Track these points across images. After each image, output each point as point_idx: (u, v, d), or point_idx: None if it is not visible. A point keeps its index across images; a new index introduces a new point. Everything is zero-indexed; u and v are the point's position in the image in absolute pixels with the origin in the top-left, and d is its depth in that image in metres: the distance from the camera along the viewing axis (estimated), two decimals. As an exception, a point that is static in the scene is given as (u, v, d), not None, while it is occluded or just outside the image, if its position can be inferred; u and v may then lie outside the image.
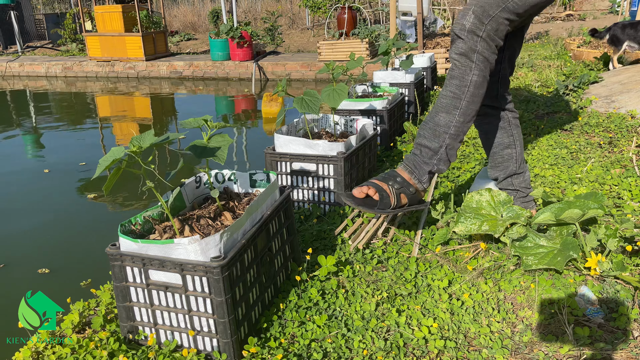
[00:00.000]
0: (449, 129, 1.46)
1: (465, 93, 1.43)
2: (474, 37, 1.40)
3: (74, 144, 5.21)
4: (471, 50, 1.40)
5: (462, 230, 1.53)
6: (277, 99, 5.63)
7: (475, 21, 1.39)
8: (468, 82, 1.42)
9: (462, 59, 1.42)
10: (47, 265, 2.65)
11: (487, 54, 1.41)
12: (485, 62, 1.41)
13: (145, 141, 1.11)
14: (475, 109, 1.46)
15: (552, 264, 1.39)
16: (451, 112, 1.45)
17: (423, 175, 1.51)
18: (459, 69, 1.43)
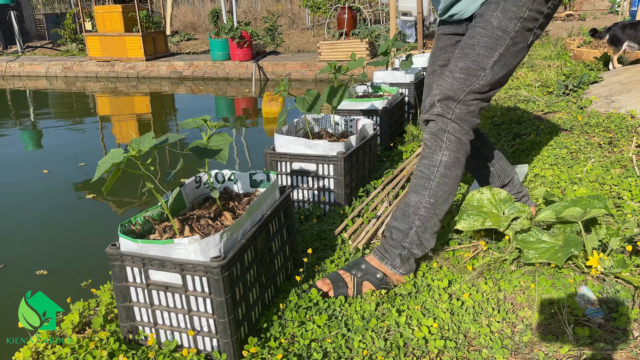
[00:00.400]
0: (418, 210, 1.41)
1: (435, 173, 1.38)
2: (443, 120, 1.38)
3: (73, 144, 5.21)
4: (441, 130, 1.38)
5: (465, 227, 1.53)
6: (278, 99, 5.63)
7: (442, 106, 1.38)
8: (437, 162, 1.38)
9: (432, 139, 1.39)
10: (47, 265, 2.65)
11: (459, 134, 1.38)
12: (458, 143, 1.38)
13: (145, 144, 1.11)
14: (449, 190, 1.40)
15: (552, 259, 1.40)
16: (420, 192, 1.41)
17: (394, 260, 1.44)
18: (429, 149, 1.40)
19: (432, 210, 1.40)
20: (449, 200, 1.42)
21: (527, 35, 1.39)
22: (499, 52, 1.36)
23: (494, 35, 1.35)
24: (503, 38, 1.36)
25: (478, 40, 1.36)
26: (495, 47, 1.36)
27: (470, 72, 1.36)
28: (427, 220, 1.41)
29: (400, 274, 1.45)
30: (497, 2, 1.35)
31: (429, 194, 1.39)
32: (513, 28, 1.35)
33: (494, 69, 1.36)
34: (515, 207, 1.55)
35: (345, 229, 1.80)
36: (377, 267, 1.44)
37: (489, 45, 1.36)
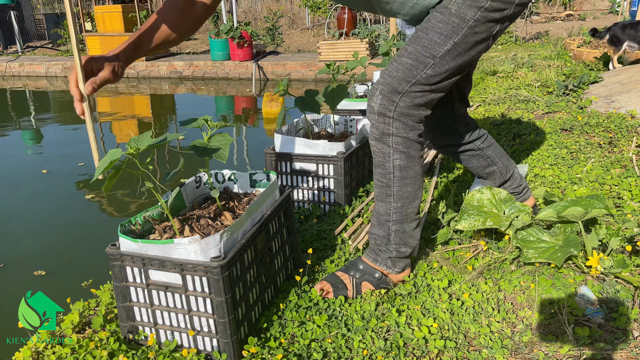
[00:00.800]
0: (390, 217, 1.38)
1: (392, 180, 1.33)
2: (385, 119, 1.27)
3: (72, 144, 5.21)
4: (384, 134, 1.29)
5: (466, 227, 1.53)
6: (278, 99, 5.63)
7: (384, 101, 1.27)
8: (391, 168, 1.32)
9: (378, 145, 1.31)
10: (47, 265, 2.65)
11: (405, 132, 1.28)
12: (406, 142, 1.29)
13: (143, 143, 1.11)
14: (412, 188, 1.35)
15: (552, 259, 1.40)
16: (385, 200, 1.37)
17: (386, 262, 1.43)
18: (378, 156, 1.33)
19: (403, 212, 1.38)
20: (418, 194, 1.38)
21: (491, 27, 1.27)
22: (453, 41, 1.25)
23: (451, 22, 1.24)
24: (460, 26, 1.24)
25: (433, 25, 1.26)
26: (450, 35, 1.25)
27: (419, 58, 1.26)
28: (401, 223, 1.39)
29: (396, 272, 1.45)
30: None
31: (394, 199, 1.36)
32: (472, 16, 1.23)
33: (445, 58, 1.25)
34: (516, 207, 1.55)
35: (345, 229, 1.81)
36: (374, 267, 1.44)
37: (444, 32, 1.25)
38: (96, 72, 1.16)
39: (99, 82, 1.14)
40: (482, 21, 1.25)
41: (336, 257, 1.63)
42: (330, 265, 1.58)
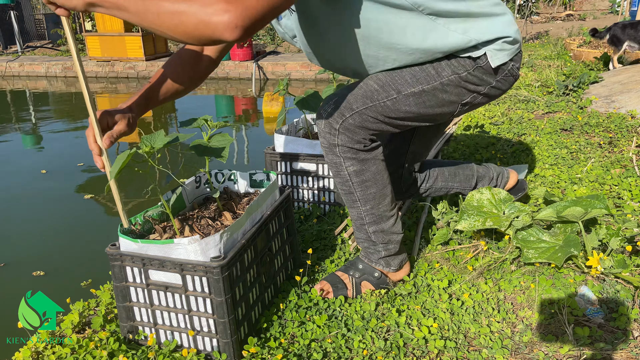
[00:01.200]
0: (364, 220, 1.37)
1: (352, 186, 1.32)
2: (331, 130, 1.25)
3: (72, 144, 5.20)
4: (332, 145, 1.27)
5: (466, 227, 1.53)
6: (278, 99, 5.63)
7: (335, 112, 1.24)
8: (346, 176, 1.30)
9: (329, 157, 1.30)
10: (47, 265, 2.65)
11: (351, 144, 1.26)
12: (353, 150, 1.27)
13: (157, 142, 1.11)
14: (376, 189, 1.33)
15: (552, 259, 1.40)
16: (353, 206, 1.36)
17: (379, 262, 1.42)
18: (332, 167, 1.31)
19: (375, 213, 1.36)
20: (385, 192, 1.35)
21: (462, 93, 1.30)
22: (422, 87, 1.26)
23: (426, 71, 1.26)
24: (434, 77, 1.26)
25: (409, 68, 1.27)
26: (421, 81, 1.26)
27: (384, 87, 1.26)
28: (377, 223, 1.38)
29: (394, 271, 1.45)
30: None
31: (361, 203, 1.35)
32: (447, 75, 1.26)
33: (408, 99, 1.26)
34: (516, 207, 1.55)
35: (345, 229, 1.80)
36: (373, 266, 1.44)
37: (417, 75, 1.26)
38: (111, 126, 1.17)
39: (116, 136, 1.15)
40: (455, 84, 1.28)
41: (336, 257, 1.63)
42: (330, 265, 1.58)
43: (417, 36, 1.21)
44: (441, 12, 1.19)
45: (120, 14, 0.90)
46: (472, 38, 1.23)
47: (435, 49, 1.23)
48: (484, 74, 1.29)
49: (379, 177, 1.32)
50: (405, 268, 1.48)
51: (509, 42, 1.27)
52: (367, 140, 1.28)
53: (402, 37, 1.20)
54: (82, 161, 4.32)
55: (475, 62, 1.27)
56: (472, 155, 2.56)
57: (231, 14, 0.83)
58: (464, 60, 1.27)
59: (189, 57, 1.36)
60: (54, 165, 4.36)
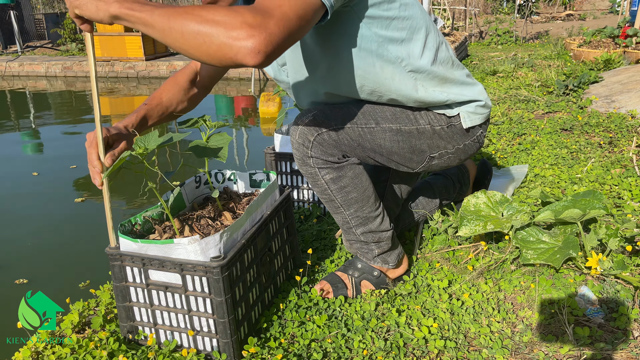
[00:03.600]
0: (350, 224, 1.37)
1: (332, 193, 1.32)
2: (305, 142, 1.25)
3: (68, 145, 5.18)
4: (305, 156, 1.27)
5: (467, 233, 1.53)
6: (275, 99, 5.63)
7: (311, 124, 1.24)
8: (324, 185, 1.30)
9: (303, 169, 1.30)
10: (47, 265, 2.65)
11: (325, 156, 1.26)
12: (325, 162, 1.27)
13: (151, 142, 1.11)
14: (357, 193, 1.32)
15: (550, 261, 1.40)
16: (337, 212, 1.36)
17: (376, 260, 1.43)
18: (309, 178, 1.31)
19: (360, 216, 1.36)
20: (366, 194, 1.34)
21: (433, 146, 1.37)
22: (399, 126, 1.32)
23: (406, 114, 1.33)
24: (411, 121, 1.33)
25: (392, 107, 1.33)
26: (400, 120, 1.32)
27: (365, 114, 1.30)
28: (364, 225, 1.38)
29: (393, 267, 1.45)
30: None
31: (344, 209, 1.35)
32: (423, 124, 1.34)
33: (385, 133, 1.30)
34: (514, 208, 1.55)
35: (345, 228, 1.80)
36: (371, 265, 1.44)
37: (397, 115, 1.32)
38: (112, 144, 1.20)
39: (117, 155, 1.17)
40: (428, 135, 1.36)
41: (336, 257, 1.63)
42: (330, 265, 1.57)
43: (403, 85, 1.27)
44: (420, 70, 1.26)
45: (146, 29, 0.91)
46: (449, 97, 1.33)
47: (418, 98, 1.30)
48: (456, 133, 1.39)
49: (357, 180, 1.32)
50: (404, 263, 1.48)
51: (481, 106, 1.40)
52: (340, 155, 1.29)
53: (389, 81, 1.26)
54: (75, 163, 4.30)
55: (449, 121, 1.37)
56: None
57: (255, 40, 0.84)
58: (440, 116, 1.36)
59: (184, 82, 1.43)
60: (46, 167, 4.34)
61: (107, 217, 1.18)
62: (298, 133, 1.26)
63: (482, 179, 1.91)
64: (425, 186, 1.77)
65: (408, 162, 1.39)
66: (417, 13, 1.24)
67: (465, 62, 6.12)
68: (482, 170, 1.92)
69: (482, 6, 13.06)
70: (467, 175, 1.85)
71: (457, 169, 1.85)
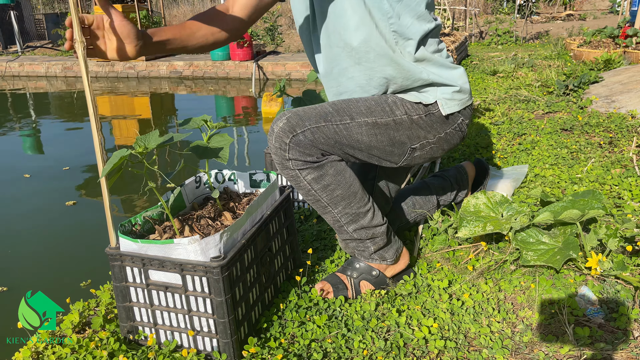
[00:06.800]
0: (340, 222, 1.36)
1: (317, 194, 1.30)
2: (281, 144, 1.24)
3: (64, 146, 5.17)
4: (284, 160, 1.25)
5: (467, 234, 1.53)
6: (277, 99, 5.63)
7: (286, 127, 1.23)
8: (307, 186, 1.29)
9: (284, 172, 1.28)
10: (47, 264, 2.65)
11: (303, 157, 1.25)
12: (305, 163, 1.26)
13: (151, 142, 1.11)
14: (342, 190, 1.31)
15: (550, 262, 1.40)
16: (325, 212, 1.35)
17: (373, 256, 1.42)
18: (291, 181, 1.30)
19: (349, 213, 1.35)
20: (352, 190, 1.33)
21: (413, 137, 1.34)
22: (375, 119, 1.30)
23: (381, 106, 1.31)
24: (387, 113, 1.31)
25: (366, 99, 1.32)
26: (375, 113, 1.30)
27: (339, 110, 1.28)
28: (354, 222, 1.37)
29: (392, 263, 1.44)
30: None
31: (331, 207, 1.34)
32: (400, 114, 1.32)
33: (361, 127, 1.28)
34: (514, 209, 1.55)
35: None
36: (370, 265, 1.44)
37: (372, 108, 1.30)
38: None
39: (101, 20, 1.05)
40: (407, 125, 1.33)
41: (336, 257, 1.63)
42: (330, 265, 1.57)
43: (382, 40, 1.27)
44: (403, 36, 1.26)
45: None
46: (429, 77, 1.31)
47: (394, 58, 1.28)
48: (435, 121, 1.36)
49: (340, 177, 1.31)
50: (403, 259, 1.47)
51: (457, 92, 1.36)
52: (319, 154, 1.27)
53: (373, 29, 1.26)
54: (68, 165, 4.29)
55: (427, 109, 1.35)
56: (472, 155, 2.56)
57: None
58: (417, 105, 1.34)
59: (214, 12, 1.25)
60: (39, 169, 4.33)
61: (107, 217, 1.18)
62: (274, 137, 1.24)
63: (481, 179, 1.92)
64: (422, 186, 1.77)
65: (389, 156, 1.36)
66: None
67: (465, 62, 6.12)
68: (480, 170, 1.93)
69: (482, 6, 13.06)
70: (466, 177, 1.85)
71: (455, 170, 1.85)
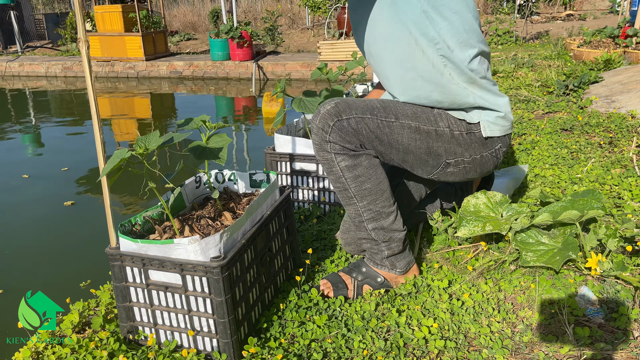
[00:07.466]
0: (362, 217, 1.36)
1: (346, 182, 1.31)
2: (325, 127, 1.27)
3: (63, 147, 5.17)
4: (324, 141, 1.28)
5: (466, 234, 1.52)
6: (278, 99, 5.63)
7: (332, 111, 1.26)
8: (339, 171, 1.30)
9: (320, 154, 1.31)
10: (47, 265, 2.65)
11: (342, 142, 1.28)
12: (342, 149, 1.28)
13: (151, 143, 1.11)
14: (371, 184, 1.32)
15: (550, 263, 1.40)
16: (350, 203, 1.35)
17: (384, 262, 1.42)
18: (325, 165, 1.32)
19: (373, 209, 1.35)
20: (381, 187, 1.34)
21: (450, 152, 1.37)
22: (418, 124, 1.33)
23: (426, 115, 1.35)
24: (431, 122, 1.34)
25: (413, 106, 1.36)
26: (420, 119, 1.33)
27: (385, 107, 1.32)
28: (376, 220, 1.37)
29: (399, 273, 1.44)
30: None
31: (357, 199, 1.34)
32: (442, 127, 1.35)
33: (403, 129, 1.31)
34: (513, 209, 1.55)
35: (345, 229, 1.80)
36: (376, 270, 1.44)
37: (418, 114, 1.34)
38: None
39: None
40: (446, 139, 1.36)
41: (336, 257, 1.63)
42: (330, 265, 1.57)
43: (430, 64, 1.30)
44: (452, 60, 1.29)
45: None
46: (475, 100, 1.34)
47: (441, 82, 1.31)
48: (474, 141, 1.39)
49: (372, 171, 1.32)
50: (411, 272, 1.47)
51: (501, 117, 1.39)
52: (357, 145, 1.29)
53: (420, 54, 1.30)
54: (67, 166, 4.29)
55: (469, 127, 1.37)
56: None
57: None
58: (460, 121, 1.37)
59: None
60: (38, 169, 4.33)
61: (108, 217, 1.18)
62: (319, 118, 1.28)
63: (485, 184, 1.90)
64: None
65: (423, 165, 1.39)
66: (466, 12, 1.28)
67: (465, 62, 6.12)
68: (485, 177, 1.91)
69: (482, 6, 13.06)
70: (471, 184, 1.83)
71: None
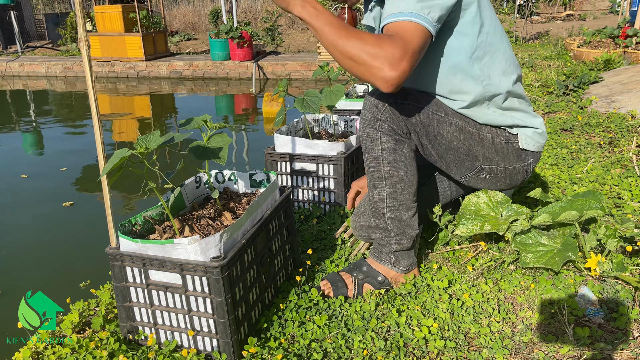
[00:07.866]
0: (384, 203, 1.37)
1: (382, 163, 1.33)
2: (379, 105, 1.30)
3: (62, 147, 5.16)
4: (374, 119, 1.31)
5: (464, 232, 1.52)
6: (278, 99, 5.63)
7: (390, 92, 1.13)
8: (379, 151, 1.33)
9: (366, 130, 1.33)
10: (47, 265, 2.65)
11: (392, 122, 1.31)
12: (392, 130, 1.31)
13: (152, 142, 1.11)
14: (404, 173, 1.34)
15: (549, 264, 1.39)
16: (378, 186, 1.37)
17: (390, 258, 1.42)
18: (367, 142, 1.34)
19: (398, 199, 1.36)
20: (411, 180, 1.36)
21: (487, 157, 1.41)
22: (465, 124, 1.37)
23: (472, 116, 1.38)
24: (475, 125, 1.38)
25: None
26: (466, 121, 1.37)
27: (437, 104, 1.35)
28: (397, 210, 1.37)
29: (401, 271, 1.44)
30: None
31: (386, 184, 1.35)
32: (485, 132, 1.39)
33: (450, 126, 1.35)
34: (513, 209, 1.55)
35: (345, 229, 1.80)
36: (377, 269, 1.44)
37: (465, 116, 1.38)
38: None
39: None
40: (487, 143, 1.40)
41: (336, 257, 1.63)
42: (330, 265, 1.57)
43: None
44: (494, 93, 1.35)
45: (315, 33, 1.14)
46: (513, 122, 1.41)
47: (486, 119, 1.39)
48: (511, 152, 1.43)
49: (409, 162, 1.35)
50: (413, 271, 1.47)
51: (538, 134, 1.45)
52: (405, 131, 1.33)
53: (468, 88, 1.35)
54: (66, 166, 4.29)
55: (508, 137, 1.42)
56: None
57: (393, 74, 1.07)
58: (501, 130, 1.42)
59: None
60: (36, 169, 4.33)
61: (108, 217, 1.18)
62: (375, 96, 1.32)
63: None
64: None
65: (458, 165, 1.42)
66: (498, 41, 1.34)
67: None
68: None
69: (482, 6, 13.03)
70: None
71: None
